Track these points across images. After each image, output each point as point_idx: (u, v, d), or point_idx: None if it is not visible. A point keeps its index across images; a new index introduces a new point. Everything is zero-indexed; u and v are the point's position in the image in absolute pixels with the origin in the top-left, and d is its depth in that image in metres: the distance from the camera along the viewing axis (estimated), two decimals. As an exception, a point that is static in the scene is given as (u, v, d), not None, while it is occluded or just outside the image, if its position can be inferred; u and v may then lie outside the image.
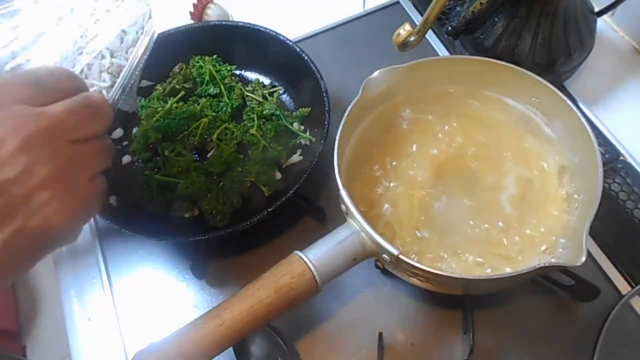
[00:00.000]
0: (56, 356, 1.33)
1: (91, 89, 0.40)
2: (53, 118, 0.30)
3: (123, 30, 0.45)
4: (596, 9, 0.64)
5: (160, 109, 0.66)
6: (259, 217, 0.55)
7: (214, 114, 0.66)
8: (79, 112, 0.31)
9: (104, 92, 0.42)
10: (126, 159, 0.66)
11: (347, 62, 0.76)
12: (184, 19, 0.79)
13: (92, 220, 0.65)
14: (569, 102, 0.52)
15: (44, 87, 0.31)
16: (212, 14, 0.77)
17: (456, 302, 0.55)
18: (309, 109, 0.66)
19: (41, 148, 0.29)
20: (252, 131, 0.64)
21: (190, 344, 0.43)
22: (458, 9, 0.70)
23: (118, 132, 0.68)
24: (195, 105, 0.67)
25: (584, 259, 0.41)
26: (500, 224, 0.52)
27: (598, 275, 0.56)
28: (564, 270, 0.51)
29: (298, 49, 0.65)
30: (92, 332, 0.58)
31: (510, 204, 0.53)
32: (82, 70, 0.41)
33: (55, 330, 1.42)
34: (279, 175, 0.63)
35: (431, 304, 0.56)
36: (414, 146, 0.57)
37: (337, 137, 0.51)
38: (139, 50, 0.45)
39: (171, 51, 0.70)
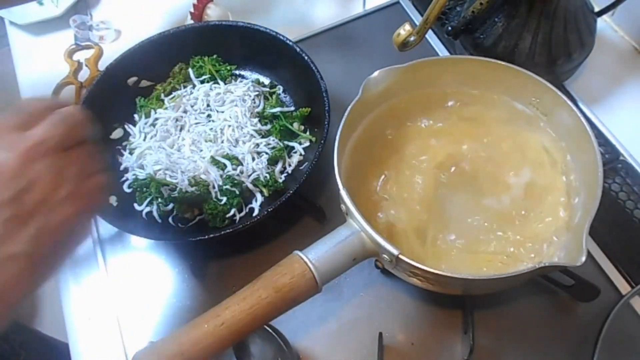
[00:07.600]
0: (56, 356, 1.33)
1: None
2: (38, 136, 0.37)
3: None
4: (596, 9, 0.64)
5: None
6: (259, 217, 0.55)
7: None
8: (58, 126, 0.38)
9: None
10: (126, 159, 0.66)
11: (347, 62, 0.76)
12: (184, 19, 0.79)
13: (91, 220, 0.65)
14: (569, 102, 0.52)
15: (26, 114, 0.38)
16: (212, 14, 0.77)
17: (456, 302, 0.55)
18: (309, 109, 0.66)
19: (38, 161, 0.36)
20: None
21: (190, 344, 0.43)
22: (458, 9, 0.70)
23: (118, 133, 0.68)
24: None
25: (584, 259, 0.41)
26: (501, 223, 0.52)
27: (598, 275, 0.56)
28: (564, 270, 0.51)
29: (298, 49, 0.65)
30: (92, 331, 0.59)
31: (511, 203, 0.53)
32: None
33: (55, 330, 1.42)
34: (279, 175, 0.63)
35: (431, 304, 0.56)
36: (414, 146, 0.57)
37: (337, 137, 0.51)
38: None
39: (171, 51, 0.70)
